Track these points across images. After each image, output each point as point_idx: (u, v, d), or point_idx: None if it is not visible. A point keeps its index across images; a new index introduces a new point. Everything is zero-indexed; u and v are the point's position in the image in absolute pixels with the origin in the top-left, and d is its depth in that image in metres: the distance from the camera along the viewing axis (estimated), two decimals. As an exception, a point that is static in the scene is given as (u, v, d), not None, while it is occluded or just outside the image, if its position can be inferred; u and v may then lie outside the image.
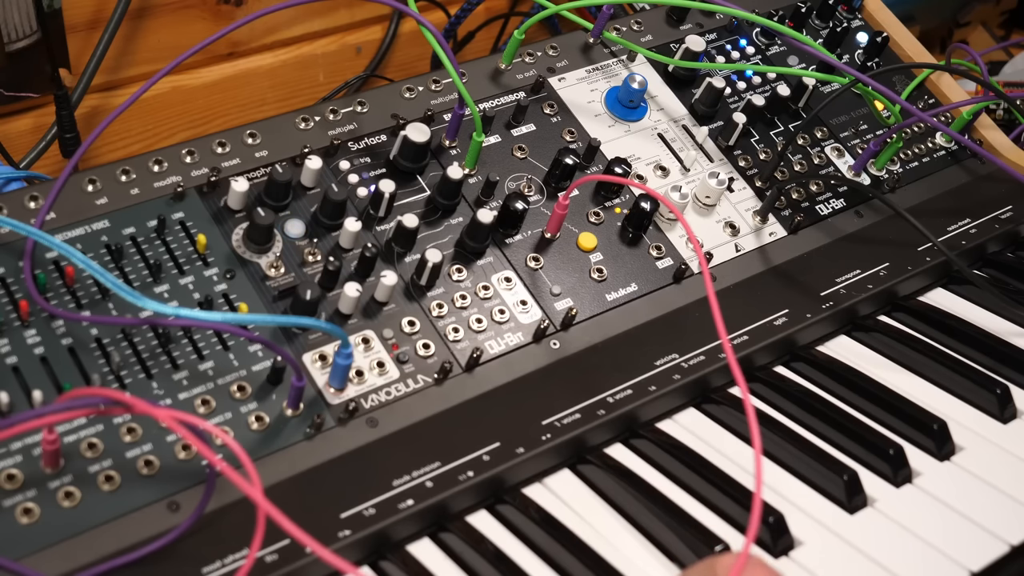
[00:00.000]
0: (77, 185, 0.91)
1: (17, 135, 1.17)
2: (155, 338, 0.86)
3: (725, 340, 0.81)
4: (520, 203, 0.98)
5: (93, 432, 0.81)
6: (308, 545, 0.69)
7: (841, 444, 0.95)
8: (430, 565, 0.82)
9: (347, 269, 0.93)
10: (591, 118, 1.10)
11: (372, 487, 0.84)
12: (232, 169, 0.96)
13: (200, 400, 0.84)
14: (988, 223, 1.15)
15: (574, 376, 0.94)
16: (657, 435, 0.94)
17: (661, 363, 0.96)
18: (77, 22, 1.15)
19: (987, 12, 1.80)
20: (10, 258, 0.86)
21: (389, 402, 0.89)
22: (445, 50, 0.96)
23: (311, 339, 0.89)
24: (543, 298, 0.97)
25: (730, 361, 0.80)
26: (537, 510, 0.86)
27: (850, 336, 1.06)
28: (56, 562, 0.76)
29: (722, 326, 0.82)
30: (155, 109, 1.24)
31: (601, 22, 1.14)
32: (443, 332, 0.93)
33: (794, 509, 0.88)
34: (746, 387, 0.80)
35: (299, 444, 0.85)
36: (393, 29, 1.39)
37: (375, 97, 1.04)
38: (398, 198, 0.98)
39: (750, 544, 0.72)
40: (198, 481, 0.81)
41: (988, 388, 0.99)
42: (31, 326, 0.84)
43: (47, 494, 0.78)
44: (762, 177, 1.11)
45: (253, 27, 1.27)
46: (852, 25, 1.27)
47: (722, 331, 0.82)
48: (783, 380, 1.00)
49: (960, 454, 0.95)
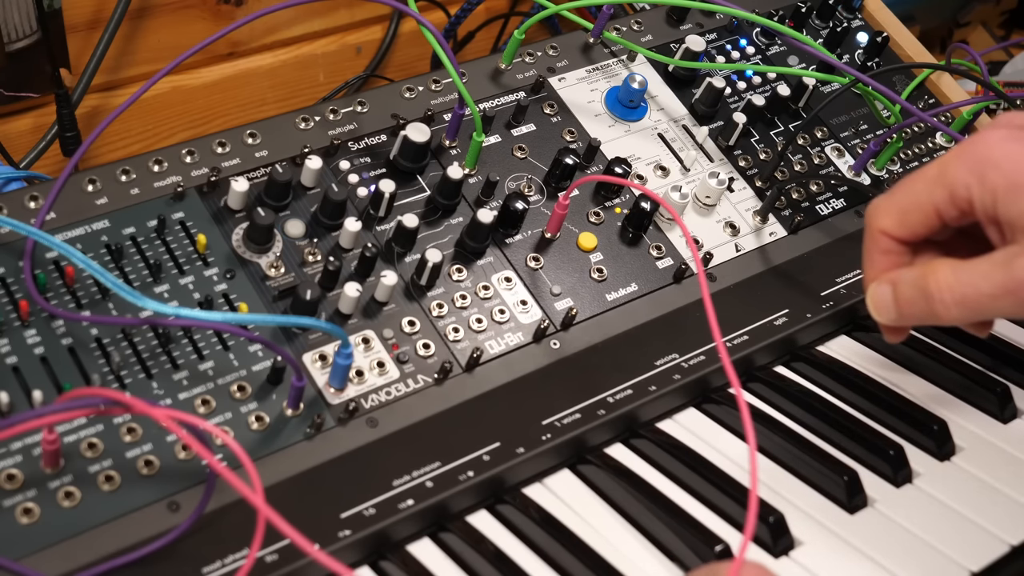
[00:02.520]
0: (77, 185, 0.91)
1: (17, 135, 1.17)
2: (155, 338, 0.86)
3: (720, 342, 0.81)
4: (520, 203, 0.98)
5: (93, 432, 0.81)
6: (302, 546, 0.69)
7: (841, 444, 0.95)
8: (430, 565, 0.83)
9: (347, 269, 0.93)
10: (591, 118, 1.10)
11: (372, 487, 0.84)
12: (232, 169, 0.96)
13: (200, 400, 0.84)
14: (988, 223, 1.15)
15: (574, 376, 0.94)
16: (657, 435, 0.94)
17: (661, 363, 0.96)
18: (77, 22, 1.15)
19: (987, 12, 1.80)
20: (10, 258, 0.86)
21: (389, 402, 0.89)
22: (445, 50, 0.96)
23: (311, 339, 0.89)
24: (543, 298, 0.97)
25: (724, 363, 0.79)
26: (537, 510, 0.86)
27: (850, 336, 1.06)
28: (56, 562, 0.76)
29: (717, 330, 0.81)
30: (155, 109, 1.24)
31: (601, 22, 1.14)
32: (443, 332, 0.93)
33: (794, 509, 0.88)
34: (738, 382, 0.80)
35: (299, 444, 0.85)
36: (393, 29, 1.39)
37: (375, 97, 1.04)
38: (398, 198, 0.98)
39: (747, 543, 0.72)
40: (198, 481, 0.81)
41: (988, 388, 0.99)
42: (31, 326, 0.84)
43: (47, 494, 0.78)
44: (762, 177, 1.11)
45: (253, 27, 1.27)
46: (852, 25, 1.27)
47: (716, 334, 0.81)
48: (783, 380, 1.00)
49: (960, 454, 0.95)
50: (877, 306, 0.80)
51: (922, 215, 0.78)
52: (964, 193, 0.76)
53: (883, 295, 0.80)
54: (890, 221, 0.80)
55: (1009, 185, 0.74)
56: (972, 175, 0.75)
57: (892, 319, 0.80)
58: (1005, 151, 0.74)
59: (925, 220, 0.78)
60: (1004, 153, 0.74)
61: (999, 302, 0.74)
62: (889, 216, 0.80)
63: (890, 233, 0.80)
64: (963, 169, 0.75)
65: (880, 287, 0.80)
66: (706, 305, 0.83)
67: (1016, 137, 0.75)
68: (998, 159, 0.74)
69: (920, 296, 0.77)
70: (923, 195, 0.78)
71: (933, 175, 0.77)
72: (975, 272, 0.75)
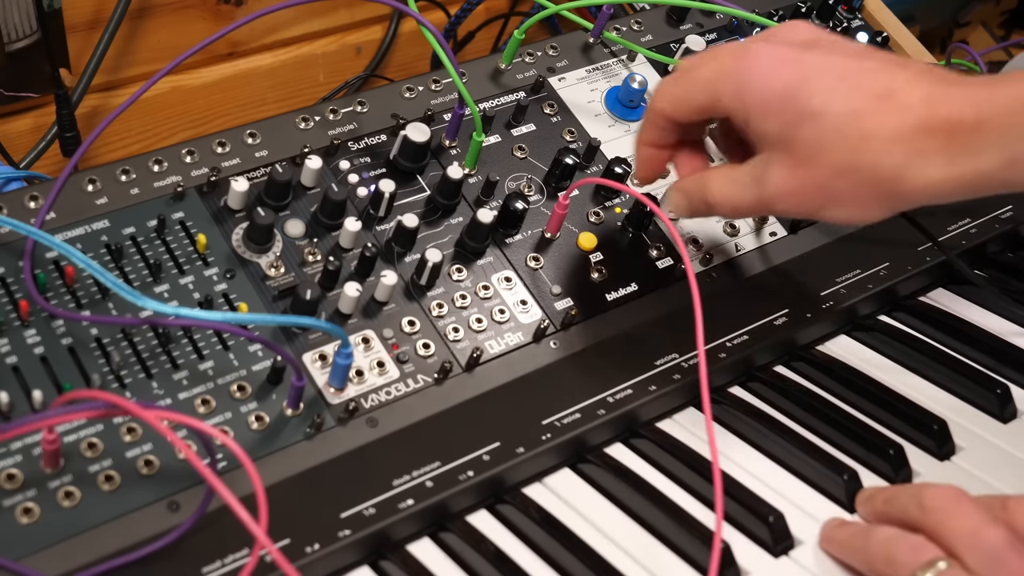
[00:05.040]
0: (77, 185, 0.91)
1: (17, 135, 1.17)
2: (155, 338, 0.86)
3: (701, 351, 0.83)
4: (520, 203, 0.98)
5: (93, 432, 0.81)
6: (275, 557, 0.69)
7: (841, 444, 0.95)
8: (430, 565, 0.83)
9: (347, 269, 0.93)
10: (591, 118, 1.10)
11: (372, 487, 0.84)
12: (232, 169, 0.96)
13: (200, 400, 0.84)
14: (988, 223, 1.15)
15: (574, 376, 0.94)
16: (657, 435, 0.94)
17: (661, 363, 0.96)
18: (77, 22, 1.15)
19: (987, 12, 1.80)
20: (10, 258, 0.86)
21: (389, 402, 0.89)
22: (445, 50, 0.96)
23: (311, 339, 0.89)
24: (543, 298, 0.97)
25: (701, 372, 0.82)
26: (537, 510, 0.86)
27: (850, 336, 1.06)
28: (56, 562, 0.76)
29: (701, 338, 0.88)
30: (155, 109, 1.24)
31: (601, 22, 1.14)
32: (443, 332, 0.93)
33: (794, 509, 0.88)
34: (709, 399, 0.86)
35: (299, 444, 0.85)
36: (393, 29, 1.39)
37: (375, 97, 1.04)
38: (398, 198, 0.98)
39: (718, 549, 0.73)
40: (198, 481, 0.81)
41: (988, 388, 0.99)
42: (31, 326, 0.84)
43: (47, 494, 0.78)
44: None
45: (253, 27, 1.27)
46: (852, 25, 1.27)
47: (700, 342, 0.88)
48: (783, 380, 1.00)
49: (960, 454, 0.95)
50: (673, 209, 0.93)
51: (691, 110, 0.89)
52: (725, 105, 0.85)
53: (677, 200, 0.92)
54: (667, 105, 0.90)
55: (761, 107, 0.83)
56: (734, 93, 0.84)
57: (685, 217, 0.95)
58: (767, 75, 0.83)
59: (694, 114, 0.89)
60: (765, 77, 0.83)
61: (763, 210, 0.87)
62: (666, 100, 0.90)
63: (666, 114, 0.90)
64: (728, 84, 0.85)
65: (674, 194, 0.92)
66: (695, 309, 0.87)
67: (784, 58, 0.83)
68: (758, 83, 0.83)
69: (703, 205, 0.90)
70: (695, 93, 0.87)
71: (706, 78, 0.87)
72: (737, 185, 0.87)
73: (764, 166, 0.85)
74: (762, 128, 0.84)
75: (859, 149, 0.80)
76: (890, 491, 0.86)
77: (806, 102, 0.81)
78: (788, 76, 0.82)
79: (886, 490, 0.87)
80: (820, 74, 0.82)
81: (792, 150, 0.83)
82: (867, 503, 0.87)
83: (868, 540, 0.81)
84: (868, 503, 0.87)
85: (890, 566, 0.78)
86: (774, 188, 0.84)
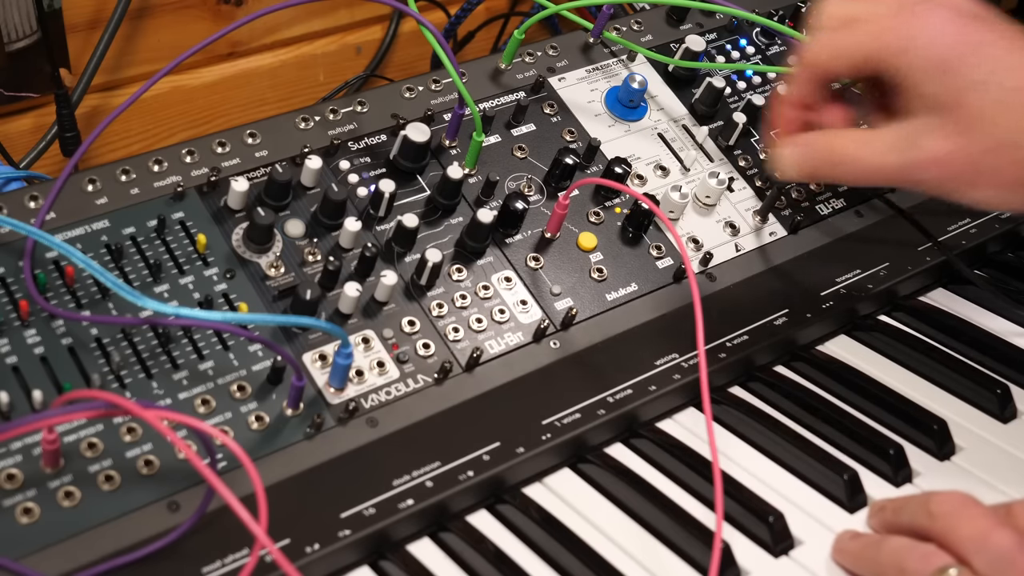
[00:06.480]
0: (77, 185, 0.91)
1: (17, 135, 1.17)
2: (155, 338, 0.86)
3: (702, 351, 0.82)
4: (520, 203, 0.98)
5: (93, 432, 0.81)
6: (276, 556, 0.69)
7: (841, 444, 0.95)
8: (430, 565, 0.83)
9: (347, 269, 0.93)
10: (591, 118, 1.10)
11: (372, 487, 0.84)
12: (232, 169, 0.96)
13: (200, 400, 0.84)
14: (988, 223, 1.15)
15: (574, 376, 0.94)
16: (657, 435, 0.94)
17: (661, 363, 0.96)
18: (77, 22, 1.15)
19: (987, 12, 1.80)
20: (10, 258, 0.86)
21: (389, 402, 0.89)
22: (445, 50, 0.96)
23: (311, 339, 0.89)
24: (543, 298, 0.97)
25: (701, 372, 0.81)
26: (537, 510, 0.86)
27: (850, 336, 1.06)
28: (56, 562, 0.76)
29: (701, 331, 0.86)
30: (155, 109, 1.24)
31: (601, 22, 1.14)
32: (443, 332, 0.93)
33: (794, 509, 0.88)
34: (709, 398, 0.85)
35: (299, 444, 0.85)
36: (393, 29, 1.39)
37: (375, 97, 1.04)
38: (398, 198, 0.98)
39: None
40: (198, 481, 0.81)
41: (988, 388, 0.99)
42: (31, 326, 0.84)
43: (47, 494, 0.78)
44: (762, 177, 1.11)
45: (253, 27, 1.27)
46: (852, 25, 1.27)
47: (700, 338, 0.86)
48: (783, 380, 1.00)
49: (960, 454, 0.95)
50: (786, 166, 0.88)
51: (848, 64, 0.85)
52: (888, 60, 0.83)
53: (794, 156, 0.88)
54: (826, 57, 0.86)
55: (924, 68, 0.81)
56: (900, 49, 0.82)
57: (793, 177, 0.90)
58: (935, 36, 0.81)
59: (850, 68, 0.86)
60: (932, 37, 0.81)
61: (901, 179, 0.83)
62: (825, 52, 0.86)
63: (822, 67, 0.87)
64: (893, 39, 0.82)
65: (791, 150, 0.88)
66: (696, 310, 0.86)
67: (954, 21, 0.81)
68: (925, 41, 0.81)
69: (826, 165, 0.86)
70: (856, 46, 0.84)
71: (871, 31, 0.84)
72: (877, 147, 0.84)
73: (916, 130, 0.82)
74: (921, 89, 0.82)
75: (1021, 128, 0.79)
76: (899, 501, 0.86)
77: (972, 70, 0.80)
78: (956, 40, 0.81)
79: (896, 500, 0.86)
80: (988, 44, 0.81)
81: (952, 116, 0.81)
82: (878, 514, 0.87)
83: (880, 551, 0.81)
84: (879, 514, 0.86)
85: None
86: (925, 154, 0.81)
